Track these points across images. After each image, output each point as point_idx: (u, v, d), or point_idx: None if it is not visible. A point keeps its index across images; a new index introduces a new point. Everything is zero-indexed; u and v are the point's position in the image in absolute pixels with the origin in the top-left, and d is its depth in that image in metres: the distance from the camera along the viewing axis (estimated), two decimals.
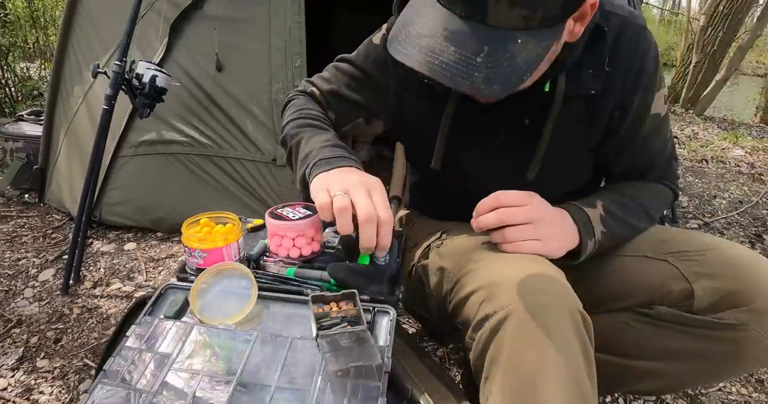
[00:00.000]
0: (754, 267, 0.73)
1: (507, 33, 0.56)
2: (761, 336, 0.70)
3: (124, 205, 1.98)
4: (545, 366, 0.58)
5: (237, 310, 0.61)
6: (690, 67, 5.65)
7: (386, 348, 0.57)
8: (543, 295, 0.63)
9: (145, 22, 1.86)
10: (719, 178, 3.17)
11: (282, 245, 0.72)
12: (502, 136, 0.82)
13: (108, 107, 1.56)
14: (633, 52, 0.76)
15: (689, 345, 0.75)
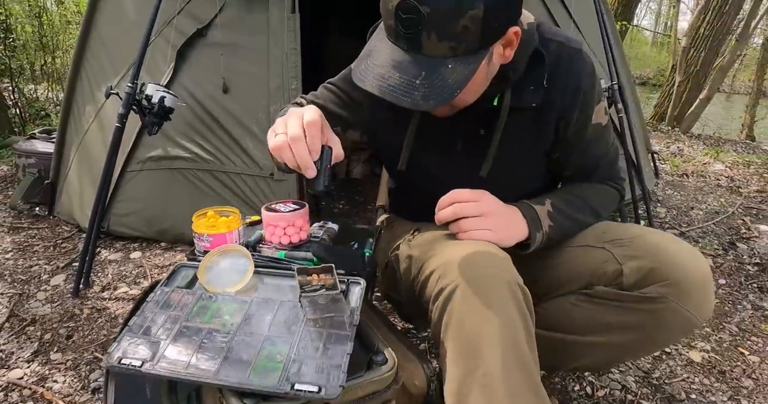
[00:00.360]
0: (672, 248, 0.85)
1: (439, 60, 0.72)
2: (679, 306, 0.81)
3: (131, 216, 2.11)
4: (485, 328, 0.71)
5: (237, 281, 0.74)
6: (674, 86, 5.87)
7: (356, 307, 0.70)
8: (485, 269, 0.76)
9: (153, 47, 2.03)
10: (698, 190, 3.31)
11: (275, 233, 0.86)
12: (459, 144, 0.97)
13: (120, 124, 1.71)
14: (569, 72, 0.90)
15: (623, 318, 0.87)
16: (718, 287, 2.01)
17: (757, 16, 6.10)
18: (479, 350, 0.70)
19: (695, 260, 0.84)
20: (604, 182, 1.08)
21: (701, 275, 0.82)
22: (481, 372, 0.70)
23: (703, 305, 0.82)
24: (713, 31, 5.44)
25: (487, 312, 0.71)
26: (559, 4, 2.33)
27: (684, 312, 0.82)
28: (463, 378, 0.71)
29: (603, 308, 0.89)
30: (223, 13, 1.98)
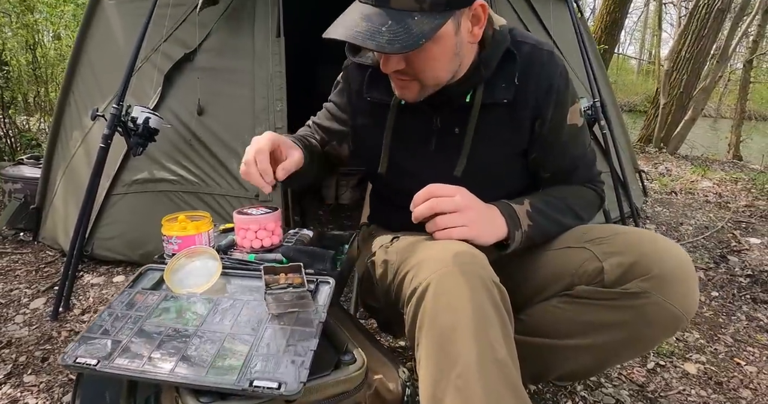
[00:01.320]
0: (652, 243, 0.85)
1: (405, 12, 0.75)
2: (662, 301, 0.80)
3: (115, 240, 2.09)
4: (459, 325, 0.68)
5: (203, 282, 0.72)
6: (659, 109, 5.98)
7: (324, 305, 0.68)
8: (459, 266, 0.74)
9: (141, 73, 2.06)
10: (686, 207, 3.33)
11: (246, 237, 0.85)
12: (433, 143, 0.98)
13: (104, 145, 1.72)
14: (542, 72, 0.93)
15: (606, 316, 0.85)
16: (711, 299, 2.00)
17: (735, 38, 6.29)
18: (453, 348, 0.68)
19: (676, 253, 0.83)
20: (583, 185, 1.08)
21: (682, 268, 0.81)
22: (456, 372, 0.67)
23: (687, 298, 0.81)
24: (693, 54, 5.60)
25: (460, 309, 0.69)
26: (538, 25, 2.40)
27: (668, 306, 0.80)
28: (438, 381, 0.68)
29: (585, 308, 0.87)
30: (209, 39, 2.03)
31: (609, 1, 6.01)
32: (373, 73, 0.98)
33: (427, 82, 0.86)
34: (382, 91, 0.97)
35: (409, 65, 0.83)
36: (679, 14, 12.67)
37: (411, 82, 0.86)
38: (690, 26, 5.72)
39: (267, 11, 1.99)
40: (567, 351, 0.92)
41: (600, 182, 1.11)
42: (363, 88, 1.00)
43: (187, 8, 2.03)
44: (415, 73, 0.84)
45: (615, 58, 14.02)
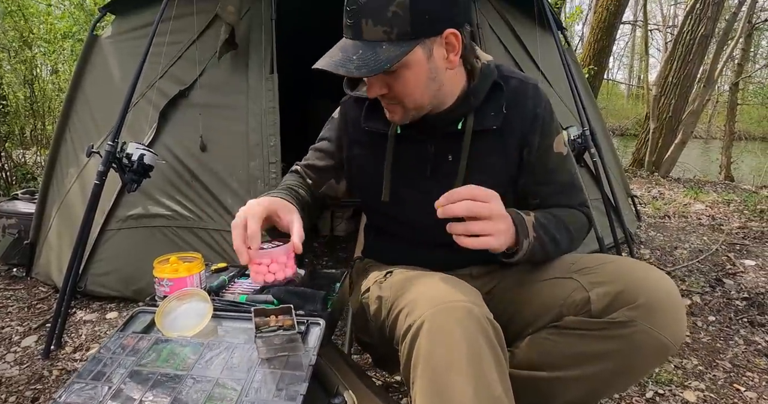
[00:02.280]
0: (639, 272, 0.86)
1: (375, 43, 0.84)
2: (650, 329, 0.80)
3: (109, 276, 2.09)
4: (454, 362, 0.69)
5: (194, 325, 0.73)
6: (650, 133, 6.08)
7: (313, 348, 0.69)
8: (453, 303, 0.75)
9: (137, 109, 2.10)
10: (680, 230, 3.34)
11: (259, 271, 0.84)
12: (428, 169, 1.02)
13: (99, 182, 1.73)
14: (527, 102, 1.00)
15: (595, 346, 0.85)
16: (709, 324, 1.99)
17: (720, 62, 6.45)
18: (449, 387, 0.68)
19: (662, 282, 0.84)
20: (572, 207, 1.10)
21: (669, 296, 0.82)
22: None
23: (674, 327, 0.81)
24: (680, 79, 5.73)
25: (455, 346, 0.69)
26: (526, 56, 2.47)
27: (655, 335, 0.80)
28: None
29: (574, 339, 0.88)
30: (204, 75, 2.07)
31: (596, 29, 6.18)
32: (370, 106, 1.04)
33: (408, 105, 0.92)
34: (379, 121, 1.02)
35: (390, 90, 0.90)
36: (665, 40, 13.02)
37: (396, 106, 0.94)
38: (676, 52, 5.87)
39: (261, 48, 2.04)
40: (558, 383, 0.91)
41: (587, 207, 1.13)
42: (360, 119, 1.06)
43: (182, 46, 2.09)
44: (396, 97, 0.91)
45: (605, 84, 14.32)
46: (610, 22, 6.02)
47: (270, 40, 2.03)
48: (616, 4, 5.94)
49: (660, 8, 15.99)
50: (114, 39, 2.31)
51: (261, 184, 2.00)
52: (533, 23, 2.36)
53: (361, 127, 1.05)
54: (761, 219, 3.65)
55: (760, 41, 13.45)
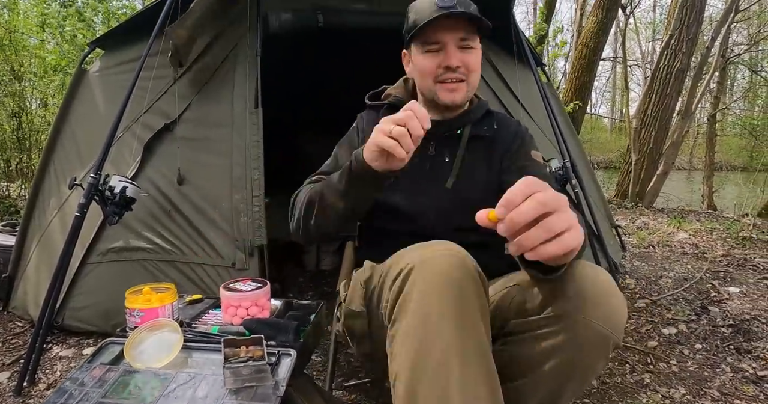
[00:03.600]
0: (572, 267, 0.85)
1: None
2: (584, 319, 0.80)
3: (88, 310, 2.04)
4: (444, 307, 0.72)
5: (163, 356, 0.71)
6: (632, 165, 6.20)
7: (284, 378, 0.68)
8: (445, 251, 0.79)
9: (121, 142, 2.11)
10: (665, 260, 3.37)
11: (237, 314, 0.84)
12: (428, 165, 1.17)
13: (80, 214, 1.72)
14: (512, 126, 1.26)
15: (539, 347, 0.86)
16: (695, 352, 1.99)
17: (697, 95, 6.67)
18: (436, 331, 0.71)
19: (595, 273, 0.85)
20: None
21: (603, 286, 0.83)
22: (438, 350, 0.71)
23: (612, 317, 0.81)
24: (659, 111, 5.91)
25: (446, 291, 0.73)
26: (506, 89, 2.53)
27: (592, 325, 0.80)
28: (415, 363, 0.71)
29: (521, 343, 0.89)
30: (189, 109, 2.10)
31: (577, 66, 6.39)
32: (387, 110, 1.24)
33: (471, 83, 1.13)
34: None
35: (464, 64, 1.09)
36: (644, 75, 13.47)
37: (461, 83, 1.11)
38: (654, 86, 6.07)
39: (245, 82, 2.08)
40: (521, 392, 0.91)
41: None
42: (377, 119, 1.15)
43: (168, 80, 2.12)
44: (467, 71, 1.10)
45: (589, 118, 14.68)
46: (590, 58, 6.23)
47: (255, 75, 2.08)
48: (596, 42, 6.17)
49: (639, 45, 16.63)
50: (102, 73, 2.34)
51: (244, 218, 2.00)
52: (512, 58, 2.44)
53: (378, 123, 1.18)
54: (744, 247, 3.69)
55: (736, 74, 13.97)
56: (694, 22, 5.85)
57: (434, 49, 1.09)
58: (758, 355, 1.94)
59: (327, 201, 0.99)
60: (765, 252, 3.51)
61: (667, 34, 6.08)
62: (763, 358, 1.91)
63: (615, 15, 6.54)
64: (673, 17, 6.04)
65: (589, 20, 6.47)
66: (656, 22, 16.00)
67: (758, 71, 11.31)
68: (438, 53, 1.10)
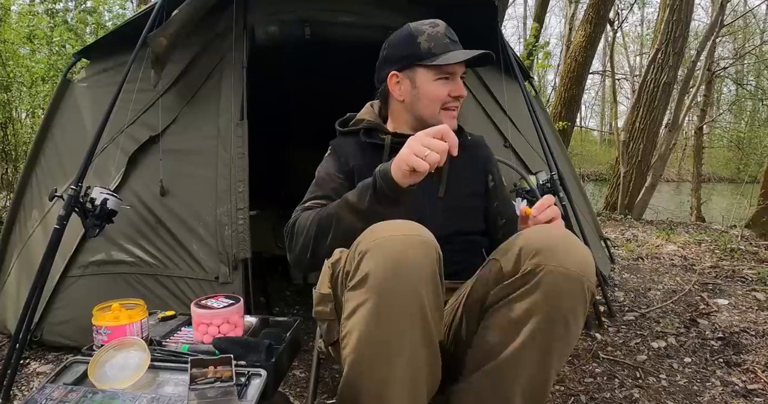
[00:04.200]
0: (536, 228, 0.97)
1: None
2: (555, 267, 0.85)
3: (67, 325, 1.99)
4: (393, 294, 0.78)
5: (129, 376, 0.69)
6: (621, 177, 6.25)
7: (252, 400, 0.65)
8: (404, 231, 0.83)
9: (105, 154, 2.09)
10: (653, 272, 3.37)
11: (208, 332, 0.81)
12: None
13: (59, 226, 1.69)
14: (485, 145, 1.41)
15: (520, 308, 0.88)
16: (685, 365, 1.98)
17: (684, 109, 6.75)
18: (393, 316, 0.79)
19: (558, 231, 0.94)
20: None
21: (565, 238, 0.90)
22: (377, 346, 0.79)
23: (579, 259, 0.87)
24: (647, 124, 5.97)
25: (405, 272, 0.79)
26: (493, 102, 2.54)
27: (561, 270, 0.85)
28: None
29: (503, 310, 0.91)
30: (176, 122, 2.08)
31: (566, 79, 6.46)
32: (365, 131, 1.28)
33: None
34: (376, 137, 1.26)
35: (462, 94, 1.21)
36: (632, 88, 13.65)
37: (458, 107, 1.23)
38: (641, 99, 6.14)
39: (231, 95, 2.07)
40: (511, 365, 0.91)
41: None
42: (357, 140, 1.28)
43: (155, 93, 2.11)
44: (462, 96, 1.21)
45: (578, 131, 14.83)
46: (579, 72, 6.31)
47: (241, 87, 2.06)
48: (584, 55, 6.24)
49: (627, 59, 16.87)
50: (87, 83, 2.33)
51: (228, 230, 1.97)
52: (500, 72, 2.45)
53: (359, 143, 1.27)
54: (732, 258, 3.70)
55: (722, 88, 14.20)
56: (680, 36, 5.95)
57: (446, 79, 1.18)
58: (747, 368, 1.93)
59: (344, 223, 1.01)
60: (753, 264, 3.52)
61: (654, 48, 6.17)
62: (752, 371, 1.90)
63: (603, 29, 6.64)
64: (659, 31, 6.14)
65: (577, 34, 6.56)
66: (644, 37, 16.27)
67: (743, 85, 11.51)
68: (447, 82, 1.19)
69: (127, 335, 0.78)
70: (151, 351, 0.74)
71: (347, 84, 2.50)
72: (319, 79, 3.17)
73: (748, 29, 11.51)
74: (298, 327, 0.94)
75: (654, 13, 16.55)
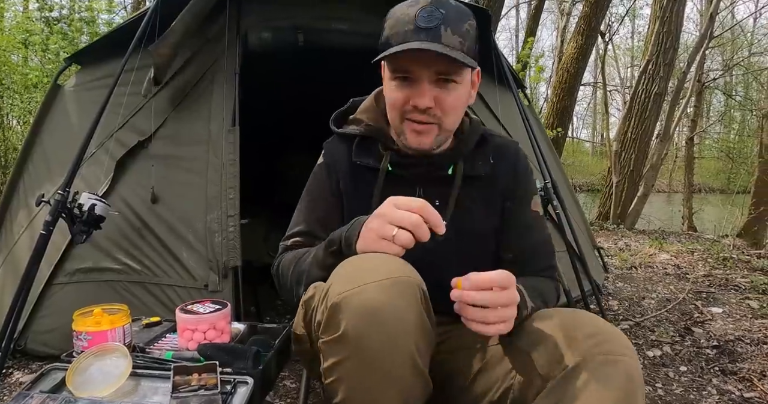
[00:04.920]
0: (564, 312, 0.84)
1: (451, 49, 0.85)
2: (599, 354, 0.73)
3: (52, 333, 1.94)
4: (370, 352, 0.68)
5: (108, 384, 0.66)
6: (613, 187, 6.28)
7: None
8: (377, 281, 0.71)
9: (94, 159, 2.05)
10: (647, 281, 3.37)
11: (193, 338, 0.78)
12: None
13: (45, 232, 1.65)
14: (511, 157, 1.06)
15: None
16: (681, 374, 1.96)
17: (675, 119, 6.82)
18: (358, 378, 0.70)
19: (588, 314, 0.83)
20: (544, 274, 1.07)
21: (593, 319, 0.80)
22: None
23: (617, 341, 0.76)
24: (639, 134, 6.03)
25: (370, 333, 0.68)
26: (486, 110, 2.54)
27: (628, 361, 0.74)
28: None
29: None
30: (165, 126, 2.06)
31: (558, 90, 6.52)
32: (360, 142, 1.04)
33: (446, 126, 0.94)
34: (370, 157, 1.02)
35: (438, 104, 0.90)
36: (623, 100, 13.81)
37: (432, 126, 0.93)
38: (633, 110, 6.20)
39: (223, 100, 2.05)
40: None
41: (555, 269, 1.11)
42: (350, 154, 1.04)
43: (145, 97, 2.08)
44: (441, 112, 0.91)
45: (570, 142, 14.95)
46: (571, 83, 6.36)
47: (233, 93, 2.05)
48: (576, 67, 6.30)
49: (617, 71, 17.09)
50: (77, 89, 2.30)
51: (218, 237, 1.94)
52: (493, 81, 2.46)
53: (351, 161, 1.04)
54: (725, 267, 3.72)
55: (712, 99, 14.40)
56: (671, 47, 6.03)
57: (404, 79, 0.91)
58: (744, 376, 1.91)
59: (314, 275, 0.89)
60: (746, 272, 3.53)
61: (645, 59, 6.25)
62: (748, 379, 1.89)
63: (594, 41, 6.72)
64: (650, 43, 6.21)
65: (569, 46, 6.63)
66: (634, 49, 16.51)
67: (733, 96, 11.67)
68: (409, 84, 0.91)
69: (109, 341, 0.75)
70: (134, 357, 0.71)
71: (341, 90, 2.48)
72: (313, 85, 3.16)
73: (736, 42, 11.71)
74: (288, 333, 0.91)
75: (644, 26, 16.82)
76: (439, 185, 1.00)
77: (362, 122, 1.06)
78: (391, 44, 0.88)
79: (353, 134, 1.05)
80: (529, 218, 1.06)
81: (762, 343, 2.23)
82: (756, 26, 12.86)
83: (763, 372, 1.94)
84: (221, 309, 0.80)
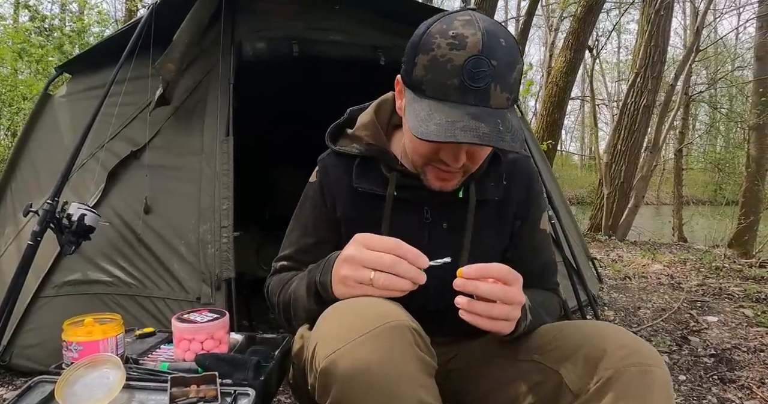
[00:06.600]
0: (588, 326, 0.81)
1: (502, 111, 0.76)
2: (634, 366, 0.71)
3: (38, 348, 1.88)
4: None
5: (100, 397, 0.62)
6: (604, 199, 6.32)
7: None
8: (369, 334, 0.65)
9: (85, 169, 2.02)
10: (642, 291, 3.36)
11: (190, 349, 0.74)
12: (426, 236, 0.95)
13: (33, 242, 1.61)
14: (524, 174, 1.00)
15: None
16: (680, 383, 1.95)
17: (663, 131, 6.92)
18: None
19: (615, 327, 0.80)
20: (548, 289, 1.06)
21: (623, 334, 0.78)
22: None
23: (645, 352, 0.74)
24: (628, 146, 6.10)
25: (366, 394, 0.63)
26: None
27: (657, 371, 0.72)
28: None
29: None
30: (158, 136, 2.03)
31: (548, 103, 6.59)
32: (361, 164, 0.96)
33: (473, 171, 0.88)
34: (373, 182, 0.94)
35: (470, 158, 0.84)
36: (611, 113, 14.01)
37: (458, 173, 0.87)
38: (622, 122, 6.28)
39: (217, 110, 2.03)
40: None
41: (558, 286, 1.09)
42: (351, 177, 0.96)
43: (138, 106, 2.06)
44: (471, 164, 0.85)
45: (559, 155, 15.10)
46: (560, 96, 6.44)
47: (227, 103, 2.03)
48: (565, 81, 6.39)
49: (605, 85, 17.35)
50: (68, 98, 2.27)
51: (211, 249, 1.90)
52: None
53: (351, 187, 0.96)
54: (718, 276, 3.73)
55: (698, 111, 14.66)
56: (659, 61, 6.14)
57: None
58: (743, 384, 1.90)
59: (300, 312, 0.85)
60: (739, 281, 3.55)
61: (634, 73, 6.35)
62: (747, 387, 1.88)
63: (582, 56, 6.82)
64: (638, 56, 6.32)
65: (557, 60, 6.72)
66: (620, 64, 16.82)
67: (718, 108, 11.90)
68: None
69: (101, 351, 0.71)
70: (127, 369, 0.67)
71: (336, 101, 2.48)
72: (307, 96, 3.16)
73: (720, 56, 11.98)
74: (288, 344, 0.88)
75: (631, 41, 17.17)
76: (449, 208, 0.94)
77: (362, 140, 0.97)
78: (424, 91, 0.78)
79: (352, 153, 0.97)
80: (539, 239, 1.03)
81: (759, 351, 2.23)
82: (738, 42, 13.17)
83: (761, 379, 1.94)
84: (220, 318, 0.76)
